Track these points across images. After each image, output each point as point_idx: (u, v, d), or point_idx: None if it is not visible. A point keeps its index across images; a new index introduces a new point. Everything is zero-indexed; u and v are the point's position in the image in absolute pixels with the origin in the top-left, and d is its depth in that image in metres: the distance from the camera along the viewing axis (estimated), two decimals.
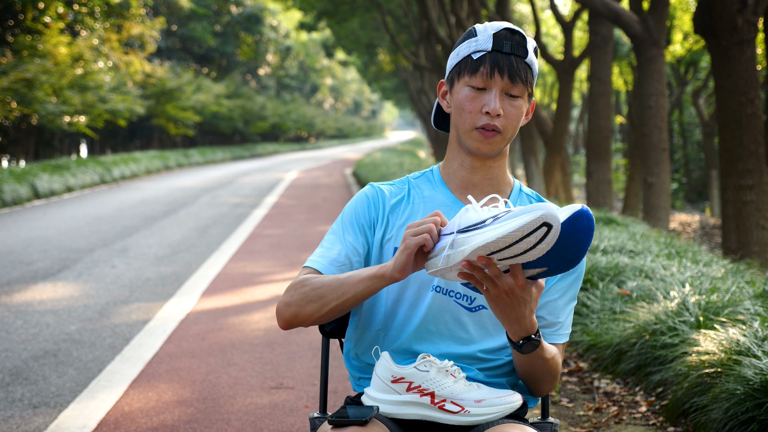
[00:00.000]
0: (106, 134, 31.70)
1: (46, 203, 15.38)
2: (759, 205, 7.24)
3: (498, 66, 1.84)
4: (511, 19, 14.85)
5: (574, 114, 34.48)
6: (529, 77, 1.86)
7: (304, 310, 1.84)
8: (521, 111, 1.88)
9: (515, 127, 1.88)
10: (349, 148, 57.47)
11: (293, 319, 1.86)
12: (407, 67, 31.28)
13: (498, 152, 1.92)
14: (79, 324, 5.72)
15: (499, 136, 1.87)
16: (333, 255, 1.92)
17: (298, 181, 22.16)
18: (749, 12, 7.07)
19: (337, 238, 1.95)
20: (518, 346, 1.78)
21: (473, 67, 1.86)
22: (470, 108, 1.86)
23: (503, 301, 1.70)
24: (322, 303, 1.82)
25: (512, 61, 1.84)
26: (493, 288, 1.68)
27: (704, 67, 20.52)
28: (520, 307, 1.71)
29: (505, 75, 1.84)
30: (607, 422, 3.71)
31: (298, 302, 1.84)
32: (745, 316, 3.91)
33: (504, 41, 1.84)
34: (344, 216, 1.98)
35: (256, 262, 8.52)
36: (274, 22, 49.74)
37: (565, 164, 15.16)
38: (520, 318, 1.73)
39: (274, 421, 3.83)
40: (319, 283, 1.83)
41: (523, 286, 1.68)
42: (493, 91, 1.85)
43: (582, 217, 1.58)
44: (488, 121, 1.85)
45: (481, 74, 1.84)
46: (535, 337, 1.77)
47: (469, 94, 1.86)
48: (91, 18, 24.02)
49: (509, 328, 1.76)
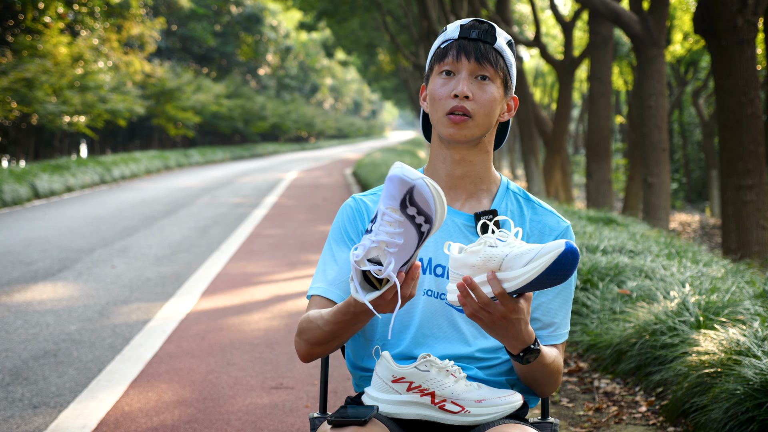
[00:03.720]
0: (106, 134, 31.70)
1: (46, 203, 15.38)
2: (759, 205, 7.24)
3: (465, 50, 1.87)
4: (511, 19, 14.84)
5: (574, 114, 34.47)
6: (500, 62, 1.88)
7: (313, 351, 1.90)
8: (493, 96, 1.87)
9: (488, 113, 1.88)
10: (349, 148, 57.47)
11: (311, 358, 1.93)
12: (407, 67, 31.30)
13: (473, 139, 1.90)
14: (79, 324, 5.72)
15: (471, 122, 1.87)
16: (331, 277, 1.94)
17: (298, 181, 22.16)
18: (749, 12, 7.07)
19: (332, 258, 1.97)
20: (519, 358, 1.79)
21: (441, 55, 1.90)
22: (440, 94, 1.88)
23: (499, 326, 1.71)
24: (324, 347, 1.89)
25: (479, 46, 1.87)
26: (487, 317, 1.70)
27: (704, 67, 20.51)
28: (515, 326, 1.72)
29: (472, 57, 1.86)
30: (607, 422, 3.71)
31: (305, 347, 1.90)
32: (745, 316, 3.91)
33: (471, 30, 1.89)
34: (332, 234, 2.00)
35: (256, 262, 8.52)
36: (274, 22, 49.75)
37: (565, 164, 15.16)
38: (517, 334, 1.74)
39: (274, 421, 3.83)
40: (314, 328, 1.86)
41: (513, 308, 1.69)
42: (461, 74, 1.87)
43: (567, 254, 1.60)
44: (457, 104, 1.86)
45: (449, 59, 1.88)
46: (534, 347, 1.77)
47: (439, 81, 1.89)
48: (91, 18, 24.02)
49: (508, 344, 1.77)
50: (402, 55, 26.24)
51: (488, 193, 1.98)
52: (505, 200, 1.99)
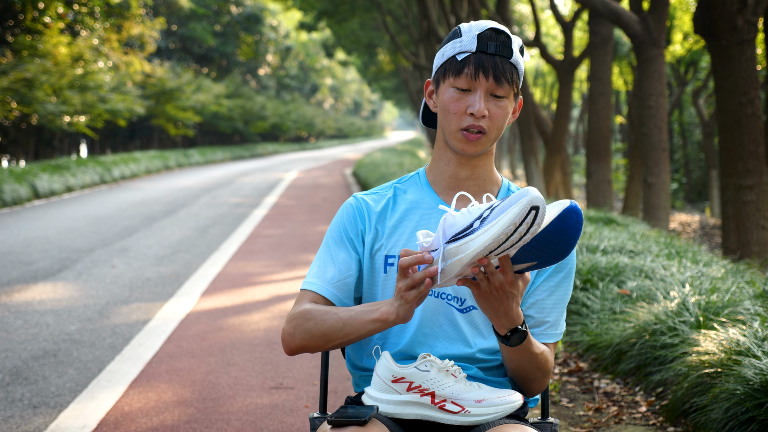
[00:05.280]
0: (106, 134, 31.70)
1: (46, 203, 15.38)
2: (759, 205, 7.24)
3: (483, 67, 1.83)
4: (511, 19, 14.83)
5: (574, 114, 34.47)
6: (514, 77, 1.85)
7: (309, 344, 1.88)
8: (506, 111, 1.87)
9: (500, 127, 1.88)
10: (349, 148, 57.48)
11: (299, 350, 1.90)
12: (407, 67, 31.30)
13: (483, 152, 1.92)
14: (79, 324, 5.72)
15: (484, 137, 1.87)
16: (328, 276, 1.94)
17: (297, 181, 22.16)
18: (749, 12, 7.07)
19: (329, 256, 1.96)
20: (506, 338, 1.80)
21: (458, 69, 1.85)
22: (455, 109, 1.86)
23: (493, 296, 1.72)
24: (326, 340, 1.86)
25: (497, 62, 1.83)
26: (486, 285, 1.70)
27: (704, 67, 20.51)
28: (508, 301, 1.73)
29: (490, 76, 1.83)
30: (607, 422, 3.71)
31: (303, 336, 1.88)
32: (745, 316, 3.91)
33: (489, 42, 1.83)
34: (332, 231, 1.99)
35: (256, 262, 8.52)
36: (274, 22, 49.75)
37: (565, 164, 15.15)
38: (507, 311, 1.75)
39: (274, 421, 3.83)
40: (321, 321, 1.85)
41: (512, 281, 1.70)
42: (477, 93, 1.84)
43: (571, 213, 1.61)
44: (473, 122, 1.85)
45: (466, 75, 1.84)
46: (522, 328, 1.79)
47: (454, 95, 1.86)
48: (91, 18, 24.02)
49: (497, 322, 1.78)
50: (402, 55, 26.24)
51: (490, 194, 1.98)
52: None
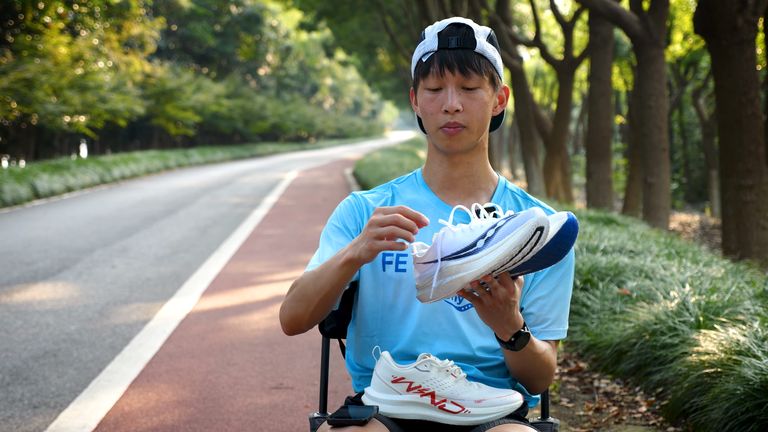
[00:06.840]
0: (106, 134, 31.71)
1: (46, 203, 15.38)
2: (759, 205, 7.24)
3: (447, 63, 1.83)
4: (511, 19, 14.84)
5: (574, 114, 34.47)
6: (483, 65, 1.85)
7: (295, 311, 1.86)
8: (483, 102, 1.87)
9: (481, 119, 1.87)
10: (349, 148, 57.47)
11: (291, 322, 1.88)
12: (407, 67, 31.26)
13: (471, 146, 1.91)
14: (79, 324, 5.72)
15: (465, 131, 1.87)
16: (325, 257, 1.93)
17: (297, 181, 22.16)
18: (749, 12, 7.07)
19: (328, 243, 1.97)
20: (511, 344, 1.79)
21: (425, 70, 1.87)
22: (431, 110, 1.87)
23: (496, 309, 1.72)
24: (307, 301, 1.83)
25: (460, 55, 1.83)
26: (489, 300, 1.70)
27: (704, 67, 20.51)
28: (511, 309, 1.73)
29: (456, 70, 1.83)
30: (607, 422, 3.71)
31: (290, 304, 1.87)
32: (745, 316, 3.91)
33: (449, 37, 1.84)
34: (330, 223, 2.00)
35: (256, 262, 8.52)
36: (274, 22, 49.74)
37: (565, 164, 15.15)
38: (509, 318, 1.75)
39: (274, 421, 3.83)
40: (302, 283, 1.86)
41: (514, 291, 1.70)
42: (448, 89, 1.85)
43: (570, 225, 1.63)
44: (449, 120, 1.86)
45: (432, 74, 1.85)
46: (524, 330, 1.79)
47: (428, 96, 1.88)
48: (91, 18, 24.02)
49: (500, 330, 1.77)
50: (402, 55, 26.24)
51: (486, 192, 1.98)
52: (503, 198, 1.99)
